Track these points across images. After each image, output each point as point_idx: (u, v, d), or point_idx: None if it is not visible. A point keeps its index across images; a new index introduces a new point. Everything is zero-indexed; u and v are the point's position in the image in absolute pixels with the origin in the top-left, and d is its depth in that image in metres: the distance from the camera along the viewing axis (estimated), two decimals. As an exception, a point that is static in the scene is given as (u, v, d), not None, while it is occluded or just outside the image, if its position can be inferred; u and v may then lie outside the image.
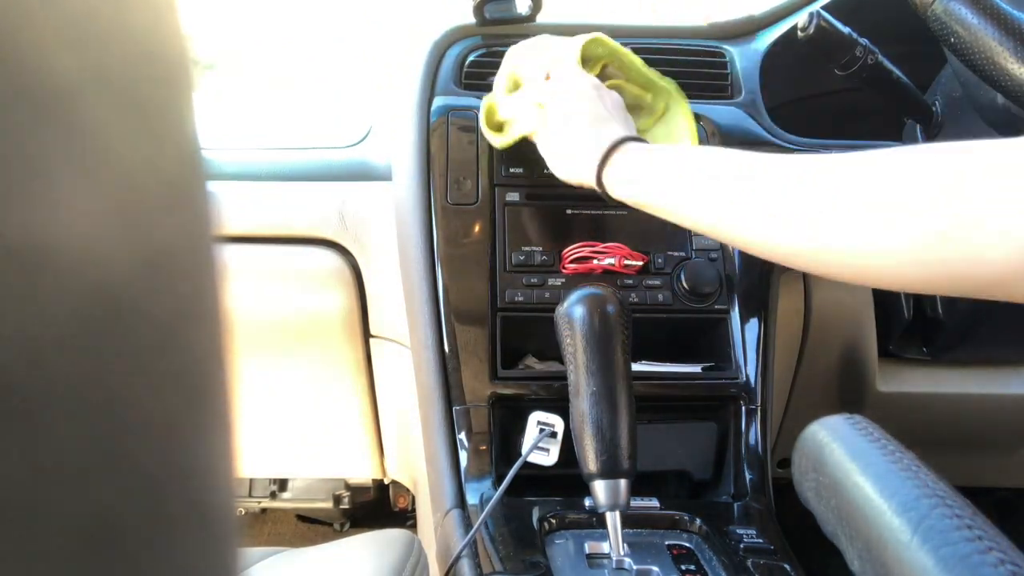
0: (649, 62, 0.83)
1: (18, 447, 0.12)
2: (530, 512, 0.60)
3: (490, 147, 0.75)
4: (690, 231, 0.74)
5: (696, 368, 0.72)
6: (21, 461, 0.12)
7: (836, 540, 0.37)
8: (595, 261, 0.71)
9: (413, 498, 1.30)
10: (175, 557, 0.15)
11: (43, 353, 0.12)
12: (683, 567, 0.55)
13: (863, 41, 0.68)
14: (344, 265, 0.88)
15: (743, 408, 0.70)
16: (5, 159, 0.12)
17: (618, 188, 0.57)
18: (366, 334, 0.91)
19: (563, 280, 0.71)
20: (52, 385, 0.12)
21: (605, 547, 0.56)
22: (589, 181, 0.59)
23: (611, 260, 0.71)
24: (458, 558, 0.57)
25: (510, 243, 0.72)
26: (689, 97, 0.81)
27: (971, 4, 0.51)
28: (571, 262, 0.71)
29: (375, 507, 1.34)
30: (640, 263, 0.71)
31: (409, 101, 0.78)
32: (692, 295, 0.71)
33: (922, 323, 0.84)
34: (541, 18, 0.83)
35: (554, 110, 0.64)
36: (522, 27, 0.83)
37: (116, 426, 0.14)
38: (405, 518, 1.36)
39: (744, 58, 0.84)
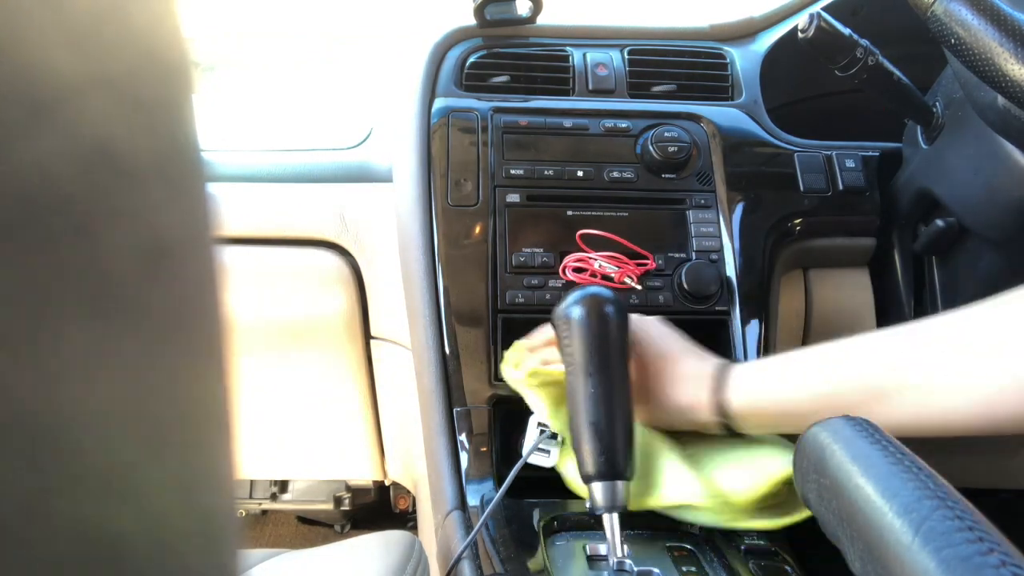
0: (650, 63, 0.83)
1: (17, 453, 0.12)
2: (531, 513, 0.60)
3: (491, 148, 0.75)
4: (691, 231, 0.74)
5: (697, 369, 0.71)
6: (20, 467, 0.12)
7: (837, 542, 0.37)
8: (596, 266, 0.71)
9: (414, 500, 1.30)
10: (175, 559, 0.15)
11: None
12: (684, 568, 0.55)
13: (863, 42, 0.68)
14: (345, 266, 0.88)
15: (744, 409, 0.70)
16: (5, 159, 0.12)
17: (746, 408, 0.54)
18: (367, 335, 0.91)
19: (564, 282, 0.71)
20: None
21: (606, 549, 0.56)
22: (703, 410, 0.55)
23: (613, 268, 0.71)
24: (459, 559, 0.57)
25: (510, 244, 0.72)
26: (690, 98, 0.82)
27: (971, 5, 0.51)
28: (573, 271, 0.71)
29: (376, 509, 1.34)
30: (640, 271, 0.71)
31: (410, 103, 0.79)
32: (693, 297, 0.71)
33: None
34: (541, 19, 0.83)
35: (642, 340, 0.59)
36: (522, 28, 0.83)
37: (114, 428, 0.14)
38: (406, 519, 1.36)
39: (745, 59, 0.84)
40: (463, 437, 0.67)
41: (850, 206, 0.79)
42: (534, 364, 0.62)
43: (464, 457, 0.66)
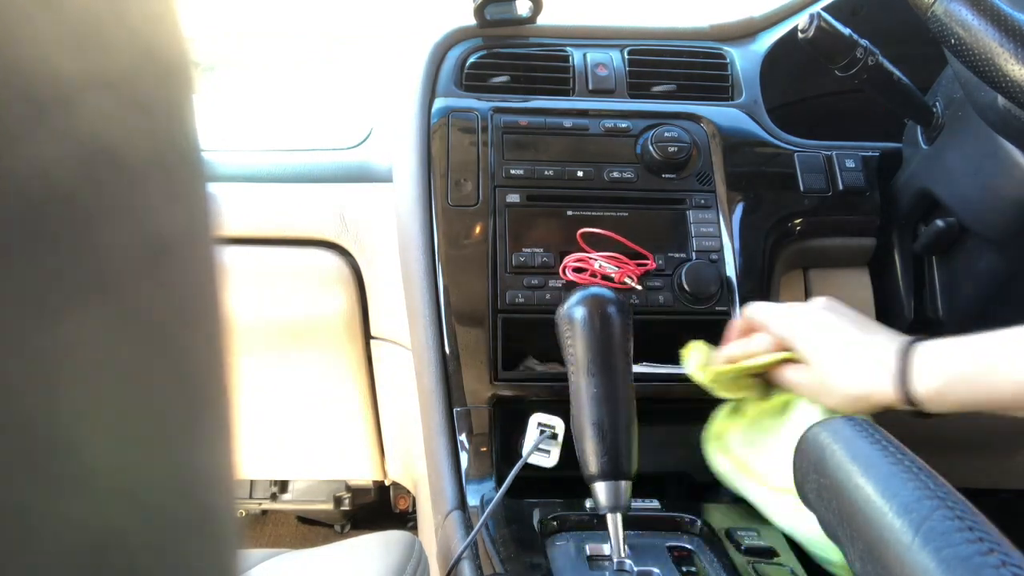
0: (650, 63, 0.83)
1: (15, 452, 0.12)
2: (531, 514, 0.60)
3: (491, 148, 0.75)
4: (691, 231, 0.74)
5: (697, 369, 0.71)
6: (22, 467, 0.12)
7: (837, 541, 0.37)
8: (596, 266, 0.71)
9: (414, 500, 1.30)
10: (176, 559, 0.15)
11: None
12: (684, 569, 0.55)
13: (863, 42, 0.68)
14: (345, 266, 0.88)
15: (744, 409, 0.70)
16: (5, 158, 0.12)
17: (938, 393, 0.51)
18: (367, 335, 0.91)
19: (564, 282, 0.71)
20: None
21: (606, 549, 0.56)
22: (884, 396, 0.53)
23: (613, 268, 0.70)
24: (459, 560, 0.57)
25: (511, 244, 0.72)
26: (690, 99, 0.82)
27: (971, 5, 0.51)
28: (573, 271, 0.71)
29: (376, 509, 1.34)
30: (640, 271, 0.71)
31: (410, 103, 0.79)
32: (693, 297, 0.71)
33: (923, 324, 0.84)
34: (541, 19, 0.83)
35: (808, 333, 0.57)
36: (522, 28, 0.83)
37: (115, 428, 0.14)
38: (406, 520, 1.36)
39: (745, 59, 0.84)
40: (463, 437, 0.67)
41: (850, 206, 0.79)
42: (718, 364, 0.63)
43: (464, 457, 0.66)
